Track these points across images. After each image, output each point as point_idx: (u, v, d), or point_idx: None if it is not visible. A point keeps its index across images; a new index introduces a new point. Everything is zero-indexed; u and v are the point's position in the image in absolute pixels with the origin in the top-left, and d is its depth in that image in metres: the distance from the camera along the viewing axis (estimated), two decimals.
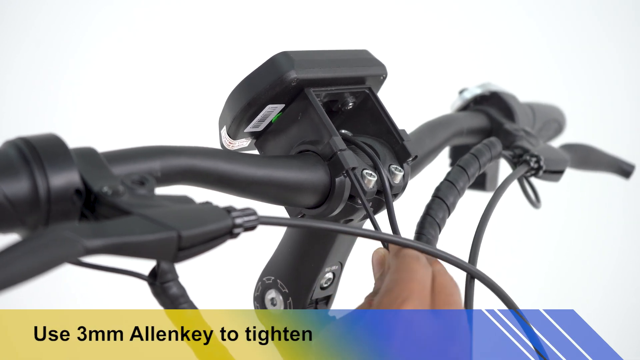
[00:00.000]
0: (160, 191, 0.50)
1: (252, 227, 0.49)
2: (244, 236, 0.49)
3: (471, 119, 0.96)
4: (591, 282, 2.19)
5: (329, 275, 0.74)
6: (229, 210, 0.48)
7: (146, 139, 0.62)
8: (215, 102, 0.72)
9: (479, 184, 1.00)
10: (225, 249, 0.51)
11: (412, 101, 1.75)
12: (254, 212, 0.49)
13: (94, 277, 0.85)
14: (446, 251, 0.60)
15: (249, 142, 0.71)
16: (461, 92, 1.02)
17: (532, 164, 0.86)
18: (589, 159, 1.07)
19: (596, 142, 1.09)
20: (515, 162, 0.87)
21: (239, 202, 0.54)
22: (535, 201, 0.93)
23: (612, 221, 2.24)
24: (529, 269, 2.14)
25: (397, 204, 0.68)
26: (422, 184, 0.85)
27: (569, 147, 1.02)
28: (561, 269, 2.19)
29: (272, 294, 0.75)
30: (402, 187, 0.69)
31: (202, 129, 0.97)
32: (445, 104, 1.05)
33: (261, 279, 0.75)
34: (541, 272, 2.19)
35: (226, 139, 0.69)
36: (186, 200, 0.50)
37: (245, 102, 0.65)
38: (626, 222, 2.23)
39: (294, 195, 0.64)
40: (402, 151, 0.70)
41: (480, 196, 0.93)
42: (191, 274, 0.68)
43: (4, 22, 1.77)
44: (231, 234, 0.48)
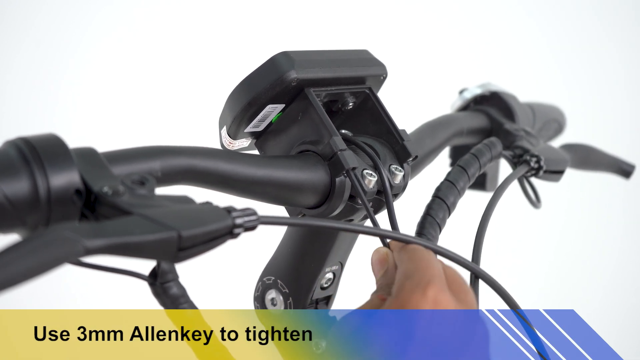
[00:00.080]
0: (160, 191, 0.50)
1: (252, 227, 0.49)
2: (244, 236, 0.49)
3: (471, 119, 0.96)
4: (591, 282, 2.19)
5: (329, 275, 0.74)
6: (229, 210, 0.48)
7: (146, 139, 0.62)
8: (215, 102, 0.72)
9: (479, 184, 1.00)
10: (225, 249, 0.51)
11: (412, 101, 1.75)
12: (254, 212, 0.49)
13: (94, 277, 0.85)
14: (451, 250, 0.60)
15: (249, 142, 0.71)
16: (461, 92, 1.02)
17: (532, 164, 0.86)
18: (589, 159, 1.07)
19: (596, 142, 1.09)
20: (515, 162, 0.87)
21: (239, 202, 0.54)
22: (535, 201, 0.93)
23: (612, 221, 2.24)
24: (529, 269, 2.13)
25: (397, 204, 0.68)
26: (422, 184, 0.85)
27: (569, 147, 1.02)
28: (561, 269, 2.19)
29: (272, 294, 0.75)
30: (403, 187, 0.69)
31: (202, 129, 0.97)
32: (445, 104, 1.05)
33: (261, 279, 0.75)
34: (541, 272, 2.19)
35: (226, 139, 0.69)
36: (186, 200, 0.50)
37: (245, 102, 0.65)
38: (626, 222, 2.23)
39: (294, 195, 0.64)
40: (403, 151, 0.70)
41: (480, 196, 0.93)
42: (191, 274, 0.68)
43: (4, 22, 1.77)
44: (231, 234, 0.48)
